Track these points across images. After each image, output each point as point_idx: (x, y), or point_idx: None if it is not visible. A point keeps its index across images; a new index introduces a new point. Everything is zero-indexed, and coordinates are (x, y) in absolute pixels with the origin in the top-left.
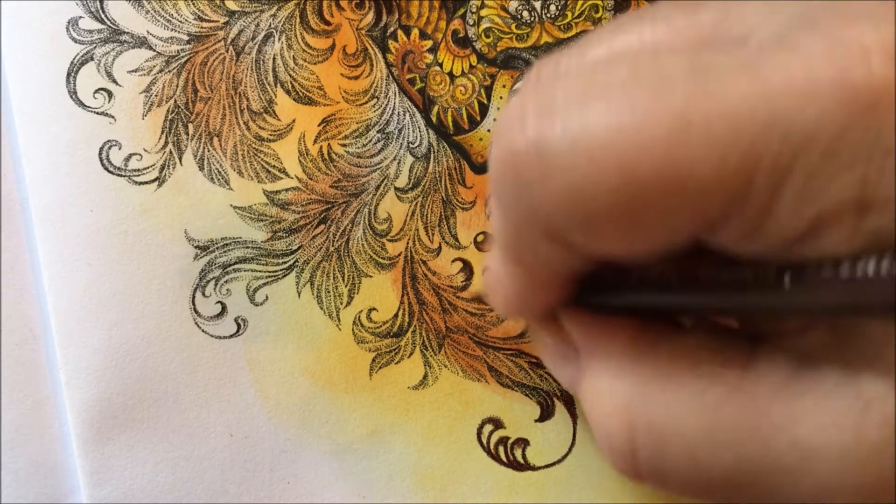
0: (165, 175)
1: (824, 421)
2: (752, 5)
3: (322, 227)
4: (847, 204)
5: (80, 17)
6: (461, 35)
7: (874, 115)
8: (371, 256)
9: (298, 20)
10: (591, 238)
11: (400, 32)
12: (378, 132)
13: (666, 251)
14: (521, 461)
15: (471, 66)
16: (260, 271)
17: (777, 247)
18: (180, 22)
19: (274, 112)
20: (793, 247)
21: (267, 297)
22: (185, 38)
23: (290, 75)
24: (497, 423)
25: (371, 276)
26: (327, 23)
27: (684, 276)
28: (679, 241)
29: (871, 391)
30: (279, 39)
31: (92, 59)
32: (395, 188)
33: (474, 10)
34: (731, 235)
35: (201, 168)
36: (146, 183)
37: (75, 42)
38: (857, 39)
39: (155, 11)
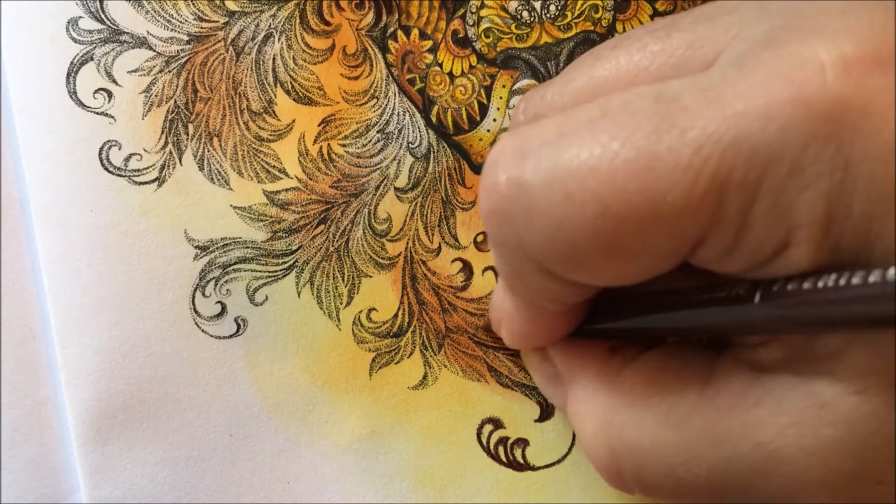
0: (165, 175)
1: (784, 422)
2: (721, 25)
3: (322, 227)
4: (814, 219)
5: (80, 17)
6: (461, 35)
7: (832, 129)
8: (371, 256)
9: (298, 20)
10: (577, 270)
11: (400, 33)
12: (378, 132)
13: (653, 274)
14: (521, 461)
15: (470, 67)
16: (260, 271)
17: (754, 263)
18: (180, 22)
19: (274, 112)
20: (769, 263)
21: (267, 297)
22: (185, 38)
23: (289, 75)
24: (497, 424)
25: (371, 277)
26: (327, 23)
27: (658, 298)
28: (663, 265)
29: (826, 394)
30: (279, 40)
31: (92, 59)
32: (395, 188)
33: (474, 10)
34: (710, 255)
35: (201, 168)
36: (146, 183)
37: (75, 42)
38: (813, 54)
39: (155, 11)
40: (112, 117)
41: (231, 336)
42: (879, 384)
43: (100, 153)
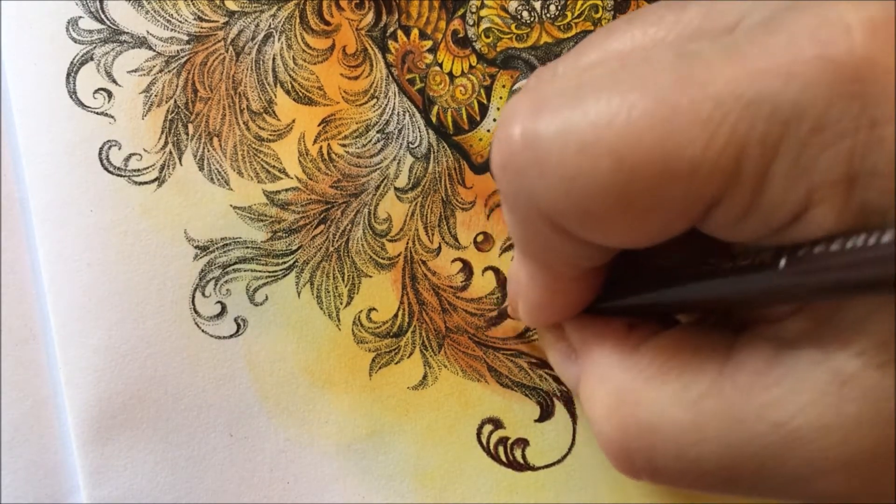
0: (165, 175)
1: (804, 401)
2: None
3: (322, 227)
4: (836, 179)
5: (80, 17)
6: (461, 35)
7: (857, 88)
8: (371, 256)
9: (298, 20)
10: (589, 226)
11: (400, 32)
12: (378, 132)
13: (665, 236)
14: (521, 461)
15: (470, 67)
16: (260, 271)
17: (771, 228)
18: (180, 22)
19: (274, 112)
20: (786, 229)
21: (267, 297)
22: (185, 38)
23: (289, 75)
24: (497, 424)
25: (371, 277)
26: (327, 23)
27: (677, 271)
28: (676, 226)
29: (848, 369)
30: (279, 39)
31: (92, 59)
32: (395, 188)
33: (474, 10)
34: (725, 219)
35: (201, 168)
36: (146, 183)
37: (75, 42)
38: (839, 17)
39: (155, 11)
40: (112, 117)
41: (231, 336)
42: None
43: (100, 153)
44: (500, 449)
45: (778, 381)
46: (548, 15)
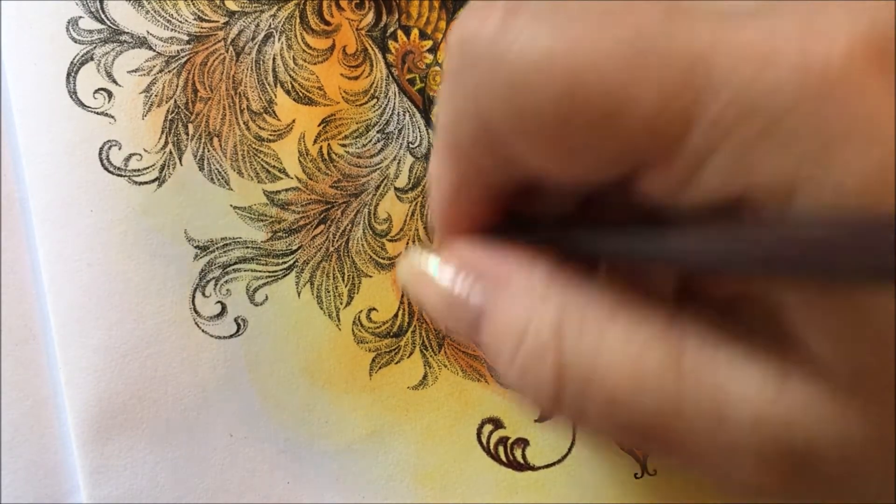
0: (165, 175)
1: (746, 381)
2: None
3: (322, 227)
4: (774, 186)
5: (80, 17)
6: None
7: (821, 103)
8: (371, 256)
9: (298, 20)
10: (520, 142)
11: (400, 33)
12: (378, 132)
13: (588, 177)
14: (521, 461)
15: None
16: (260, 271)
17: (690, 206)
18: (180, 22)
19: (274, 112)
20: (706, 212)
21: (267, 297)
22: (185, 38)
23: (290, 75)
24: (497, 423)
25: (371, 277)
26: (327, 23)
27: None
28: (603, 171)
29: (787, 368)
30: (279, 40)
31: (92, 59)
32: (395, 188)
33: None
34: (658, 184)
35: (201, 168)
36: (146, 183)
37: (75, 42)
38: (828, 27)
39: (155, 11)
40: (112, 117)
41: (231, 336)
42: (847, 371)
43: (100, 153)
44: (500, 449)
45: (726, 351)
46: None
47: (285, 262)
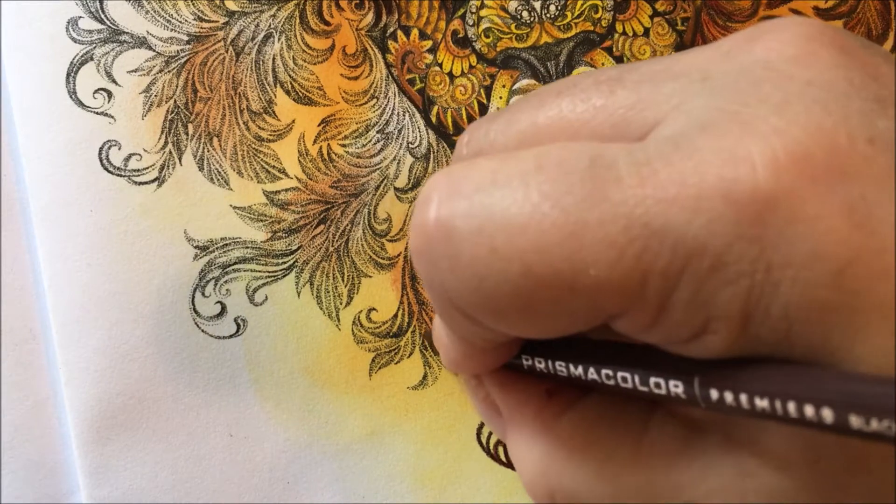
0: (165, 175)
1: (711, 485)
2: (664, 92)
3: (322, 227)
4: (731, 315)
5: (80, 17)
6: (461, 35)
7: (757, 231)
8: (371, 257)
9: (298, 20)
10: (496, 322)
11: (399, 33)
12: (378, 132)
13: (571, 332)
14: None
15: (470, 67)
16: (259, 271)
17: (672, 341)
18: (180, 22)
19: (274, 112)
20: (687, 343)
21: (266, 297)
22: (185, 38)
23: (289, 75)
24: None
25: (371, 277)
26: (327, 23)
27: (600, 347)
28: (580, 328)
29: (750, 464)
30: (279, 40)
31: (92, 59)
32: (395, 188)
33: (474, 10)
34: (629, 327)
35: (201, 168)
36: (146, 183)
37: (75, 42)
38: (747, 153)
39: (155, 11)
40: (112, 117)
41: (231, 336)
42: (801, 461)
43: (100, 153)
44: (500, 449)
45: (689, 463)
46: (548, 15)
47: (285, 262)
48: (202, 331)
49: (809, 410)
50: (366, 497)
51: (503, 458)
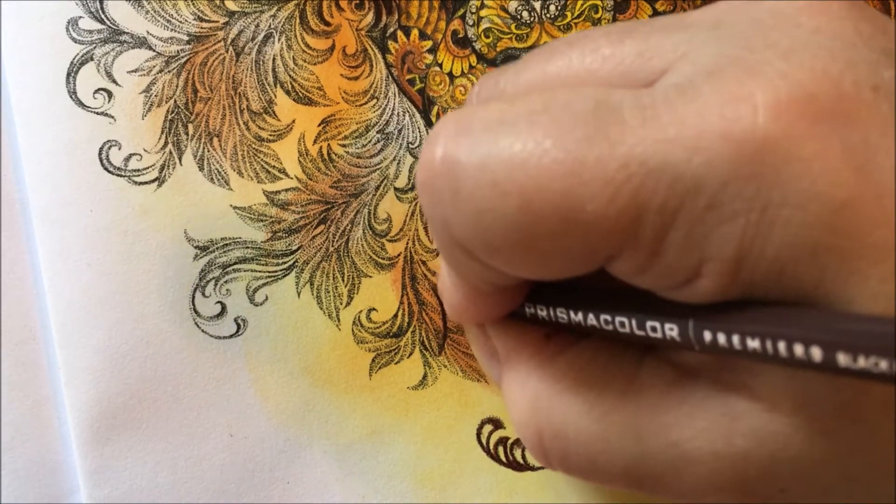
0: (165, 175)
1: (698, 426)
2: (673, 41)
3: (322, 227)
4: (725, 257)
5: (80, 18)
6: (461, 35)
7: (755, 170)
8: (371, 257)
9: (298, 21)
10: (495, 258)
11: (400, 33)
12: (378, 132)
13: (569, 274)
14: (521, 461)
15: (470, 67)
16: (260, 271)
17: (667, 286)
18: (180, 22)
19: (274, 112)
20: (680, 288)
21: (267, 297)
22: (185, 38)
23: (289, 76)
24: (497, 424)
25: (371, 277)
26: (327, 23)
27: (598, 293)
28: (578, 268)
29: (739, 407)
30: (279, 40)
31: (92, 59)
32: (395, 188)
33: (474, 10)
34: (625, 269)
35: (201, 168)
36: (146, 183)
37: (75, 42)
38: (749, 95)
39: (155, 12)
40: (112, 117)
41: (231, 336)
42: (789, 405)
43: (100, 153)
44: (500, 449)
45: (677, 405)
46: (548, 15)
47: (285, 263)
48: (202, 331)
49: (799, 349)
50: (366, 497)
51: (503, 458)
